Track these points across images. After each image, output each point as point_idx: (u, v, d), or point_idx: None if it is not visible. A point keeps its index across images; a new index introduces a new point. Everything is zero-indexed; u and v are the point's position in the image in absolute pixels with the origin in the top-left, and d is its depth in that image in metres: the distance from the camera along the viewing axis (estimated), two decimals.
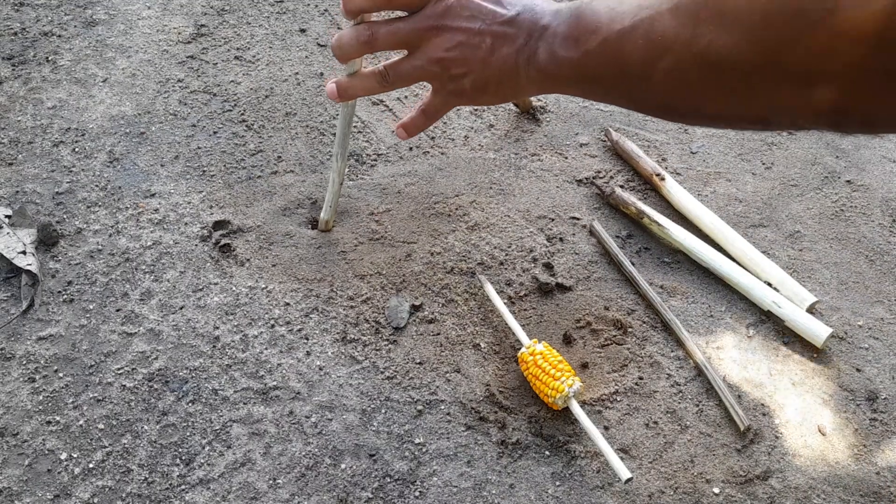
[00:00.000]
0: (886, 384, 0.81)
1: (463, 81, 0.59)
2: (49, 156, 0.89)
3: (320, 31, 1.12)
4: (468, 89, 0.60)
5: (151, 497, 0.64)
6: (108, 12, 1.09)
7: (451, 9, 0.58)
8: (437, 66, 0.59)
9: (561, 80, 0.56)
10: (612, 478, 0.70)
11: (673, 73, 0.48)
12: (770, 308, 0.84)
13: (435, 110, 0.65)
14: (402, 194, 0.92)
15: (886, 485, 0.73)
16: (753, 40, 0.42)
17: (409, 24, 0.59)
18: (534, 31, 0.55)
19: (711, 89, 0.47)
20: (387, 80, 0.63)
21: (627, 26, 0.49)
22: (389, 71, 0.62)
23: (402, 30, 0.60)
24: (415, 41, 0.60)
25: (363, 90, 0.66)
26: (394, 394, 0.74)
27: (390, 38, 0.61)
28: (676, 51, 0.46)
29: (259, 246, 0.84)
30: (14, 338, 0.73)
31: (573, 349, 0.80)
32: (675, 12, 0.47)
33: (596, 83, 0.54)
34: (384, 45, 0.61)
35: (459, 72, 0.59)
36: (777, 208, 0.99)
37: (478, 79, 0.59)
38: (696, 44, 0.45)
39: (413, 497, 0.67)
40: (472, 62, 0.58)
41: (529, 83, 0.58)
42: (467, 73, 0.59)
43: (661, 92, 0.50)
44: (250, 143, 0.95)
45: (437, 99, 0.63)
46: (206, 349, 0.74)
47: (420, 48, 0.60)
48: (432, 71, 0.60)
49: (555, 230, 0.91)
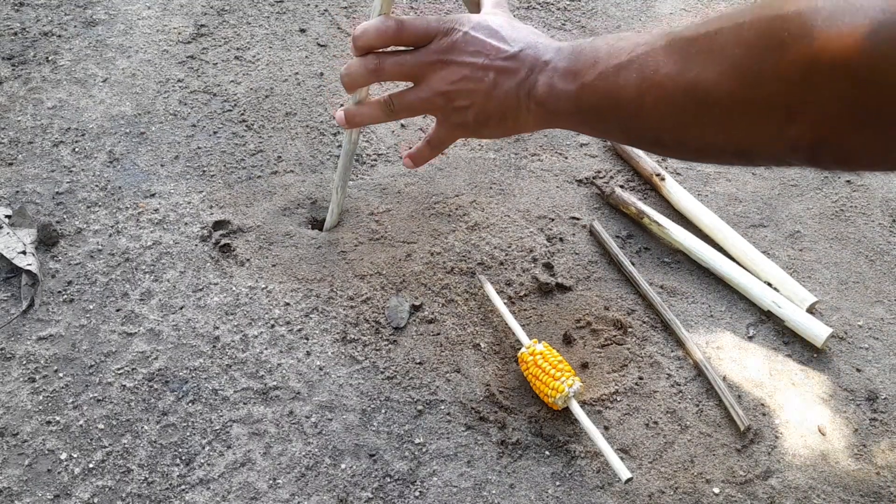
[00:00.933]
0: (886, 384, 0.81)
1: (466, 114, 0.61)
2: (49, 156, 0.89)
3: (320, 31, 1.12)
4: (471, 122, 0.62)
5: (151, 497, 0.64)
6: (108, 12, 1.09)
7: (456, 44, 0.59)
8: (441, 98, 0.61)
9: (559, 113, 0.57)
10: (612, 478, 0.70)
11: (661, 105, 0.49)
12: (770, 308, 0.84)
13: (439, 141, 0.67)
14: (402, 194, 0.92)
15: (886, 485, 0.73)
16: (736, 73, 0.44)
17: (415, 56, 0.61)
18: (535, 66, 0.57)
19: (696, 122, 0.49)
20: (391, 109, 0.65)
21: (624, 61, 0.51)
22: (395, 100, 0.64)
23: (408, 62, 0.62)
24: (420, 74, 0.62)
25: (370, 118, 0.68)
26: (394, 394, 0.74)
27: (396, 70, 0.62)
28: (666, 84, 0.48)
29: (259, 246, 0.84)
30: (14, 338, 0.73)
31: (573, 349, 0.80)
32: (669, 48, 0.49)
33: (592, 115, 0.56)
34: (391, 75, 0.63)
35: (463, 104, 0.60)
36: (777, 208, 0.99)
37: (480, 112, 0.60)
38: (684, 77, 0.47)
39: (413, 497, 0.67)
40: (475, 95, 0.60)
41: (529, 116, 0.59)
42: (470, 107, 0.60)
43: (651, 125, 0.52)
44: (250, 143, 0.95)
45: (441, 131, 0.65)
46: (206, 349, 0.74)
47: (425, 80, 0.61)
48: (436, 103, 0.62)
49: (555, 230, 0.91)
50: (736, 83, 0.44)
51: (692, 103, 0.47)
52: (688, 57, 0.47)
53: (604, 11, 1.26)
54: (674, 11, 1.29)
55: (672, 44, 0.48)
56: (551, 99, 0.56)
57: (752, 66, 0.43)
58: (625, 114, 0.53)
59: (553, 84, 0.56)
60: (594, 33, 1.21)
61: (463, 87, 0.60)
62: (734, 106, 0.45)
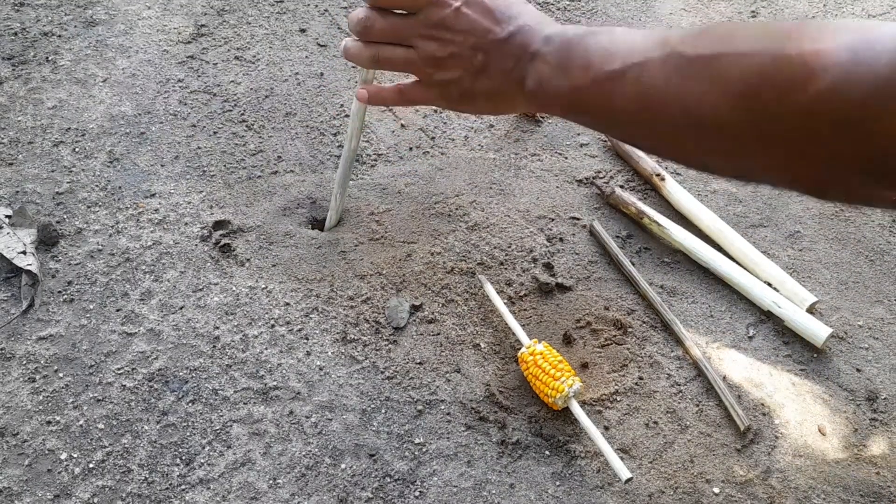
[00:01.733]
0: (886, 384, 0.81)
1: (450, 88, 0.61)
2: (49, 156, 0.89)
3: (320, 31, 1.12)
4: (455, 96, 0.61)
5: (151, 497, 0.64)
6: (108, 12, 1.09)
7: (446, 19, 0.59)
8: (427, 66, 0.61)
9: (551, 107, 0.57)
10: (612, 478, 0.70)
11: (658, 123, 0.49)
12: (770, 308, 0.84)
13: (412, 99, 0.65)
14: (402, 194, 0.92)
15: (886, 485, 0.73)
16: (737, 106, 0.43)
17: (406, 23, 0.61)
18: (523, 56, 0.56)
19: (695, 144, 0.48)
20: (376, 59, 0.64)
21: (618, 70, 0.50)
22: (381, 51, 0.63)
23: (398, 27, 0.61)
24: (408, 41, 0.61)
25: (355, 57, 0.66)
26: (394, 394, 0.74)
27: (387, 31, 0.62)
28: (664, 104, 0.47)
29: (259, 246, 0.84)
30: (14, 338, 0.73)
31: (573, 349, 0.80)
32: (664, 64, 0.47)
33: (585, 116, 0.55)
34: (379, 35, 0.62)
35: (448, 77, 0.60)
36: (777, 208, 0.99)
37: (467, 90, 0.60)
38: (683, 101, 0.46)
39: (413, 497, 0.67)
40: (462, 73, 0.59)
41: (520, 102, 0.59)
42: (456, 81, 0.60)
43: (648, 136, 0.52)
44: (250, 143, 0.95)
45: (419, 90, 0.64)
46: (206, 349, 0.74)
47: (414, 47, 0.61)
48: (421, 69, 0.61)
49: (555, 230, 0.91)
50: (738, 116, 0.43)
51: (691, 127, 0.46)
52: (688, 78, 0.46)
53: (604, 11, 1.26)
54: (674, 11, 1.29)
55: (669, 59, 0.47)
56: (541, 93, 0.56)
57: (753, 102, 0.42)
58: (621, 123, 0.52)
59: (543, 79, 0.55)
60: None
61: (450, 63, 0.59)
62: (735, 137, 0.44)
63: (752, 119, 0.42)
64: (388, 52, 0.63)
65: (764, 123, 0.42)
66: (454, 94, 0.61)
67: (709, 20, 1.28)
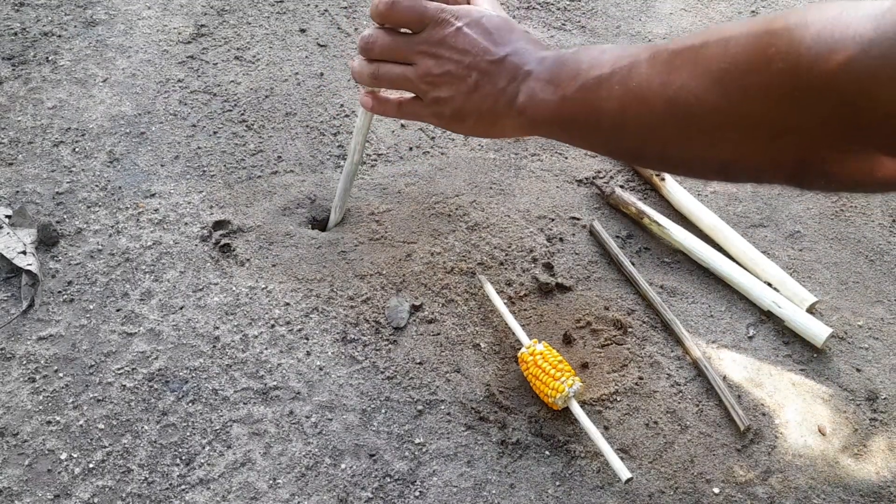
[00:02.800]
0: (886, 384, 0.81)
1: (444, 106, 0.62)
2: (49, 156, 0.89)
3: (320, 31, 1.12)
4: (447, 115, 0.62)
5: (151, 497, 0.64)
6: (108, 12, 1.09)
7: (446, 38, 0.60)
8: (423, 84, 0.62)
9: (540, 122, 0.57)
10: (612, 478, 0.70)
11: (642, 118, 0.49)
12: (770, 308, 0.84)
13: (409, 114, 0.67)
14: (402, 194, 0.92)
15: (886, 485, 0.73)
16: (720, 88, 0.43)
17: (407, 42, 0.62)
18: (517, 75, 0.57)
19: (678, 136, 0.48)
20: (376, 75, 0.66)
21: (606, 73, 0.51)
22: (381, 68, 0.65)
23: (399, 45, 0.63)
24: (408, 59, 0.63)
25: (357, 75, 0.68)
26: (394, 394, 0.74)
27: (387, 49, 0.64)
28: (648, 97, 0.48)
29: (259, 246, 0.84)
30: (14, 338, 0.73)
31: (573, 349, 0.80)
32: (652, 61, 0.48)
33: (573, 126, 0.56)
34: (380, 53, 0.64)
35: (443, 96, 0.61)
36: (777, 208, 0.99)
37: (459, 109, 0.61)
38: (667, 91, 0.46)
39: (413, 497, 0.67)
40: (456, 92, 0.60)
41: (509, 123, 0.60)
42: (450, 100, 0.61)
43: (633, 138, 0.52)
44: (250, 143, 0.95)
45: (416, 107, 0.66)
46: (206, 349, 0.74)
47: (413, 64, 0.62)
48: (418, 87, 0.63)
49: (555, 230, 0.91)
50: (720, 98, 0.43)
51: (674, 117, 0.47)
52: (671, 70, 0.46)
53: (604, 11, 1.26)
54: (674, 11, 1.29)
55: (656, 56, 0.48)
56: (531, 108, 0.57)
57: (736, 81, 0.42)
58: (606, 126, 0.52)
59: (534, 94, 0.56)
60: (594, 33, 1.21)
61: (446, 81, 0.60)
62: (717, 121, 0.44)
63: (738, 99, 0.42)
64: (386, 68, 0.64)
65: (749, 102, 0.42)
66: (446, 112, 0.62)
67: (709, 20, 1.28)
